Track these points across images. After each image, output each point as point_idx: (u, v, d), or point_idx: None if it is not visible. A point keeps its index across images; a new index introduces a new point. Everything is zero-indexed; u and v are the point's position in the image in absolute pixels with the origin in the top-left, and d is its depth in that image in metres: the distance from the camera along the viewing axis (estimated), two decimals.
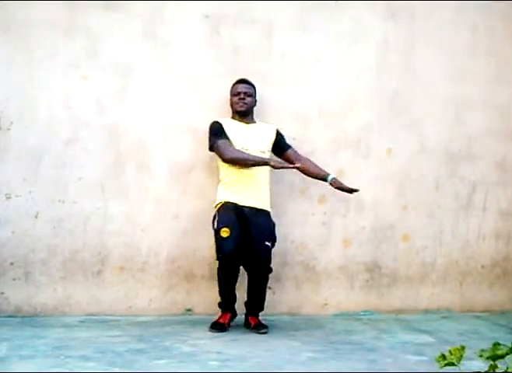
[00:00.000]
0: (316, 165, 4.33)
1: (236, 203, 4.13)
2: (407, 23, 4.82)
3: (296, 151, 4.37)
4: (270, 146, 4.30)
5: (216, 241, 4.02)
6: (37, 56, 4.31)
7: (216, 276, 4.14)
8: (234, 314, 4.22)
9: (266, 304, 4.23)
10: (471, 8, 4.93)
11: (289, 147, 4.37)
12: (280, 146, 4.35)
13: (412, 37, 4.83)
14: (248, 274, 4.12)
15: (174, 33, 4.48)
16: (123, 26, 4.42)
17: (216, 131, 4.23)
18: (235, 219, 4.04)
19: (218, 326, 4.07)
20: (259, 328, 4.10)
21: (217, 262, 4.04)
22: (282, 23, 4.63)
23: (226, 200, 4.15)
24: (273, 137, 4.33)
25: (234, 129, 4.25)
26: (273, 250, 4.10)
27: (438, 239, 4.87)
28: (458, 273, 4.91)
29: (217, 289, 4.15)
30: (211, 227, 4.11)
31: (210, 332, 4.01)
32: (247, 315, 4.22)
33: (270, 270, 4.10)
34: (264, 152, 4.23)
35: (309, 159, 4.35)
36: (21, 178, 4.29)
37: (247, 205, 4.14)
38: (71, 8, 4.34)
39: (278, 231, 4.21)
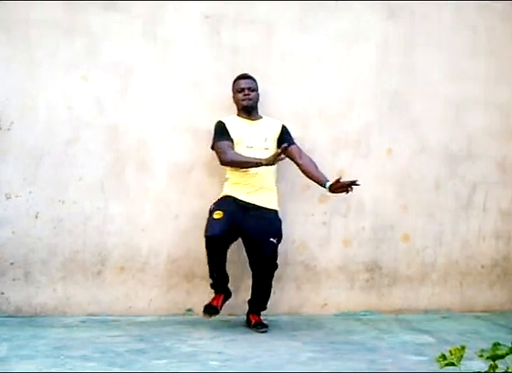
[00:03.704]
0: (317, 169, 4.23)
1: (239, 198, 4.13)
2: (407, 23, 4.82)
3: (300, 150, 4.30)
4: (275, 142, 4.27)
5: (207, 221, 4.05)
6: (37, 56, 4.30)
7: None
8: (228, 294, 4.21)
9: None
10: (471, 8, 4.93)
11: (293, 143, 4.29)
12: (284, 142, 4.22)
13: (412, 37, 4.83)
14: (253, 271, 4.10)
15: (174, 33, 4.48)
16: (123, 26, 4.41)
17: (219, 132, 4.24)
18: (232, 209, 4.05)
19: (211, 310, 4.09)
20: (259, 327, 4.11)
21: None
22: (282, 23, 4.63)
23: (229, 194, 4.18)
24: (278, 133, 4.31)
25: (239, 127, 4.25)
26: None
27: (438, 239, 4.87)
28: (458, 273, 4.91)
29: None
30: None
31: (208, 330, 4.02)
32: (248, 312, 4.22)
33: (275, 267, 4.07)
34: (268, 149, 4.20)
35: (311, 160, 4.28)
36: (21, 178, 4.29)
37: (251, 202, 4.14)
38: (71, 8, 4.33)
39: None
